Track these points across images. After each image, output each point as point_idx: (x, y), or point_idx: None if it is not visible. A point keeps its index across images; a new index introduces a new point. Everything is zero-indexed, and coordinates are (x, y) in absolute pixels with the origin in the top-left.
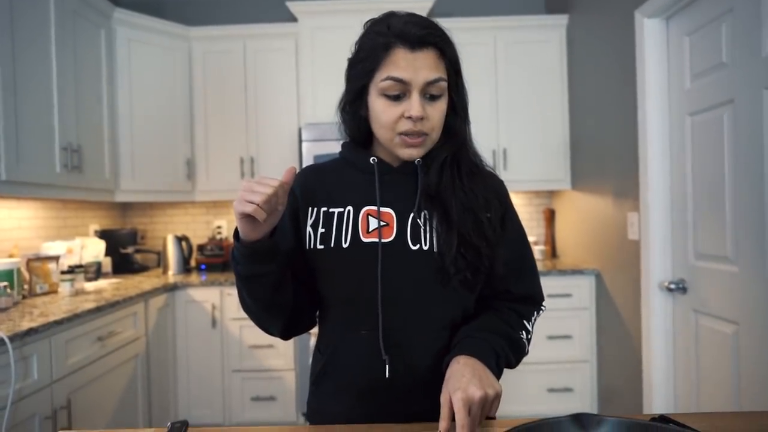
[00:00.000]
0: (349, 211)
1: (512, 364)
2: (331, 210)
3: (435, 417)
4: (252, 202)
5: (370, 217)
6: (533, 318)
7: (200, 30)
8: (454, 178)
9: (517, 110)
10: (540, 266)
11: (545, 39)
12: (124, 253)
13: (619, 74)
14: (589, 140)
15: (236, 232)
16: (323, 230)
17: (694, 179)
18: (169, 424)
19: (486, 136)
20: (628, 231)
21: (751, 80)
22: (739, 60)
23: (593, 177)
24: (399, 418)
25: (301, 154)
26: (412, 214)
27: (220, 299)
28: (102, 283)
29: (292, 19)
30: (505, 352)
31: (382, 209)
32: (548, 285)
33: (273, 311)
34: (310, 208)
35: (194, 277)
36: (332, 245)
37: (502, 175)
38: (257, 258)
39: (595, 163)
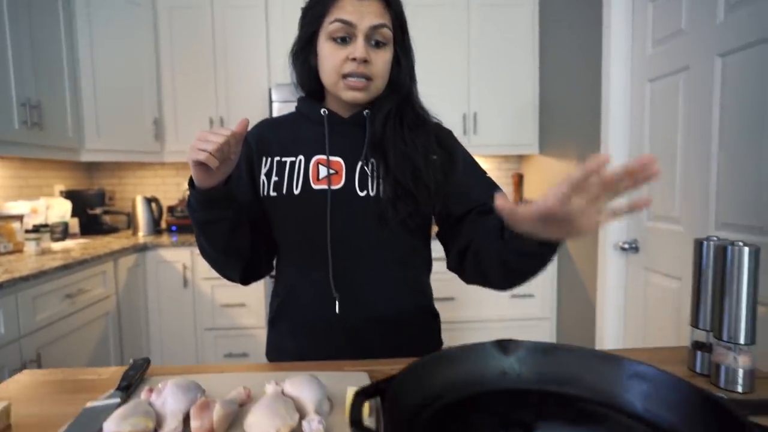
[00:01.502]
0: (300, 160)
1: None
2: (283, 159)
3: (386, 355)
4: (204, 150)
5: (320, 166)
6: None
7: None
8: (395, 129)
9: (489, 74)
10: None
11: (518, 2)
12: (92, 214)
13: (587, 40)
14: (557, 105)
15: (191, 179)
16: (276, 179)
17: (651, 144)
18: (131, 360)
19: (457, 100)
20: None
21: (706, 47)
22: (696, 27)
23: (560, 142)
24: (364, 354)
25: (272, 114)
26: (360, 163)
27: (192, 259)
28: (69, 243)
29: None
30: None
31: (332, 158)
32: None
33: (231, 256)
34: (264, 158)
35: (165, 238)
36: (284, 192)
37: (472, 139)
38: (212, 204)
39: (562, 128)
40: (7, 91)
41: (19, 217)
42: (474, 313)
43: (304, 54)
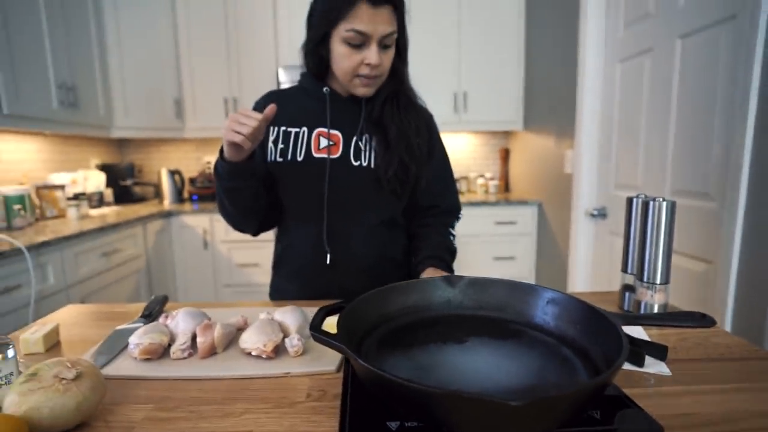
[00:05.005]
0: (303, 131)
1: (452, 263)
2: (288, 129)
3: (367, 290)
4: (240, 133)
5: (321, 137)
6: (455, 224)
7: None
8: (393, 110)
9: (478, 57)
10: (492, 198)
11: None
12: (124, 185)
13: (567, 23)
14: (540, 85)
15: (221, 150)
16: (282, 146)
17: (619, 120)
18: (152, 296)
19: (448, 80)
20: (565, 166)
21: (669, 30)
22: (661, 11)
23: (542, 119)
24: (342, 296)
25: None
26: (355, 137)
27: (211, 224)
28: (105, 210)
29: None
30: (449, 259)
31: (331, 131)
32: (497, 214)
33: (250, 216)
34: (272, 127)
35: (187, 206)
36: (289, 158)
37: (462, 116)
38: (239, 175)
39: (544, 107)
40: (45, 74)
41: (62, 187)
42: (462, 273)
43: (317, 49)
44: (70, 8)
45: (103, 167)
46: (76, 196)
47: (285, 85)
